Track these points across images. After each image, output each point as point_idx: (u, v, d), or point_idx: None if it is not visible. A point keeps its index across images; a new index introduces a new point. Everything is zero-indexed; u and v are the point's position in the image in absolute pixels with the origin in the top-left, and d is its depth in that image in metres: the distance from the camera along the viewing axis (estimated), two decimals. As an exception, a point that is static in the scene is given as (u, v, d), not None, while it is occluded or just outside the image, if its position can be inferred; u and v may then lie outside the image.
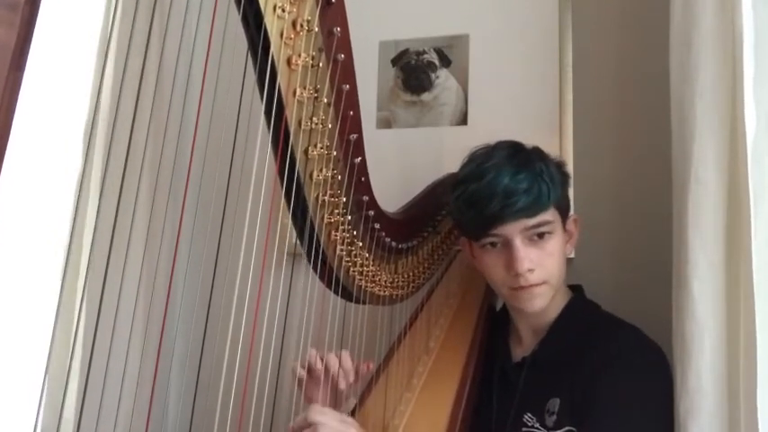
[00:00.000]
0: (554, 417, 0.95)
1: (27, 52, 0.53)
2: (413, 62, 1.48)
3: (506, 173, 0.96)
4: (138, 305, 1.10)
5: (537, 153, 1.03)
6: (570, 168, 1.13)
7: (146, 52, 0.65)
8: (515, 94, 1.39)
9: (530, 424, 0.97)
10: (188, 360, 1.20)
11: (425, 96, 1.47)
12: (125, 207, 0.72)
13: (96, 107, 0.67)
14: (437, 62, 1.47)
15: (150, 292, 1.11)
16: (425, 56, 1.48)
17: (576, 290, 1.09)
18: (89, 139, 0.67)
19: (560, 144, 1.31)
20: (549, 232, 0.98)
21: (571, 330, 1.02)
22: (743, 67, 0.84)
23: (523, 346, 1.07)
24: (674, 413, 0.90)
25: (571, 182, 1.09)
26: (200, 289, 0.92)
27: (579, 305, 1.06)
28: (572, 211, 1.09)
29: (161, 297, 1.11)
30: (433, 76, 1.47)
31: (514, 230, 0.97)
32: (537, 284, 0.98)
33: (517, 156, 0.99)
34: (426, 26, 1.48)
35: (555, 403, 0.96)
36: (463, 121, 1.43)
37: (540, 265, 0.98)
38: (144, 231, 1.06)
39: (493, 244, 1.00)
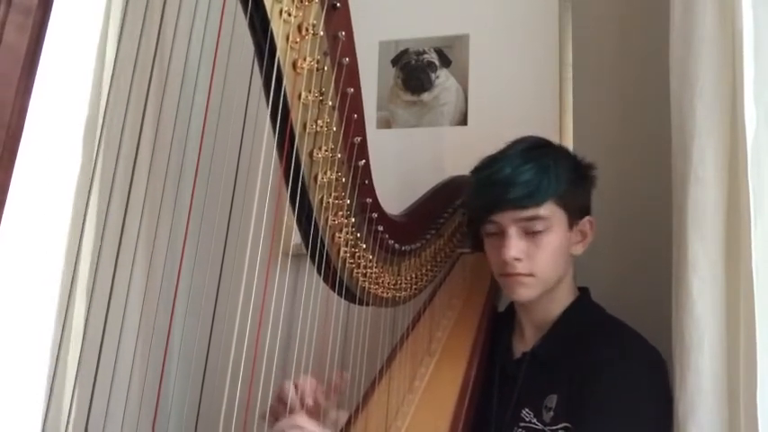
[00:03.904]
0: (551, 413, 0.96)
1: (38, 56, 0.53)
2: (413, 62, 1.49)
3: (512, 164, 0.98)
4: (144, 306, 1.11)
5: (557, 151, 1.05)
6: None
7: (154, 56, 0.65)
8: (515, 94, 1.39)
9: (527, 419, 0.98)
10: (193, 363, 1.20)
11: (425, 96, 1.47)
12: (132, 208, 0.73)
13: (105, 111, 0.67)
14: (437, 62, 1.47)
15: (156, 294, 1.12)
16: (425, 56, 1.48)
17: (582, 291, 1.09)
18: (97, 141, 0.68)
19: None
20: (543, 228, 0.99)
21: (573, 329, 1.03)
22: (743, 67, 0.84)
23: (525, 342, 1.08)
24: (674, 413, 0.91)
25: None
26: (206, 291, 0.92)
27: (584, 305, 1.07)
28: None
29: (166, 300, 1.11)
30: (432, 76, 1.47)
31: (508, 220, 0.99)
32: (523, 274, 1.00)
33: (533, 150, 1.01)
34: (426, 26, 1.48)
35: (552, 399, 0.97)
36: (463, 121, 1.43)
37: (529, 257, 0.99)
38: (151, 233, 1.07)
39: (493, 230, 1.03)
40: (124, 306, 0.82)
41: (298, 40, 0.74)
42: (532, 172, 0.97)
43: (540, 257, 1.00)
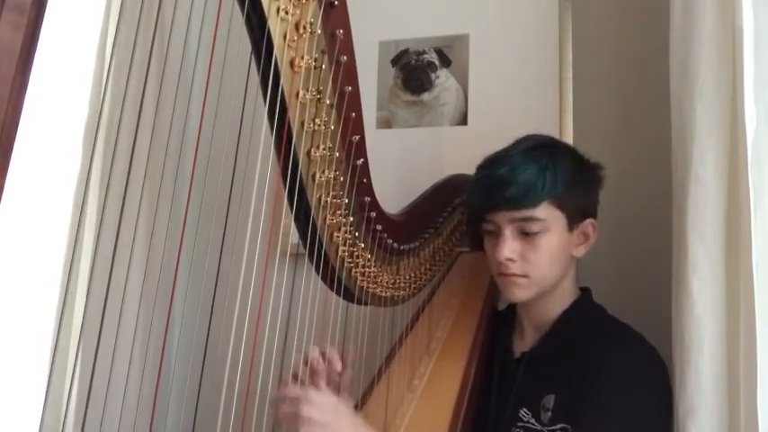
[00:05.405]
0: (549, 413, 0.95)
1: (33, 54, 0.53)
2: (413, 62, 1.49)
3: (510, 163, 0.98)
4: (141, 306, 1.11)
5: (561, 151, 1.04)
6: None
7: (150, 55, 0.65)
8: (515, 94, 1.39)
9: (525, 419, 0.98)
10: (190, 365, 1.20)
11: (425, 96, 1.47)
12: (129, 208, 0.73)
13: (100, 110, 0.67)
14: (437, 62, 1.47)
15: (153, 294, 1.12)
16: (425, 56, 1.48)
17: (583, 291, 1.09)
18: (93, 141, 0.68)
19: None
20: (539, 229, 0.98)
21: (573, 329, 1.03)
22: (743, 67, 0.84)
23: (525, 342, 1.08)
24: (674, 413, 0.90)
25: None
26: (203, 290, 0.92)
27: (584, 305, 1.07)
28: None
29: (163, 300, 1.11)
30: (432, 76, 1.47)
31: (503, 220, 0.99)
32: (517, 275, 1.00)
33: (536, 150, 1.00)
34: (426, 26, 1.48)
35: (550, 400, 0.96)
36: (463, 121, 1.43)
37: (523, 258, 0.99)
38: (148, 233, 1.07)
39: (490, 229, 1.03)
40: (120, 306, 0.82)
41: (295, 38, 0.74)
42: (530, 172, 0.96)
43: (534, 259, 0.99)
